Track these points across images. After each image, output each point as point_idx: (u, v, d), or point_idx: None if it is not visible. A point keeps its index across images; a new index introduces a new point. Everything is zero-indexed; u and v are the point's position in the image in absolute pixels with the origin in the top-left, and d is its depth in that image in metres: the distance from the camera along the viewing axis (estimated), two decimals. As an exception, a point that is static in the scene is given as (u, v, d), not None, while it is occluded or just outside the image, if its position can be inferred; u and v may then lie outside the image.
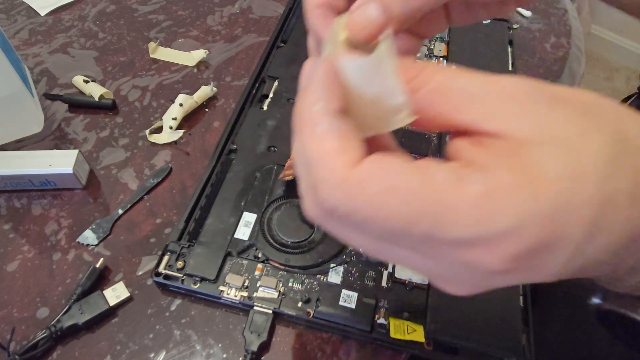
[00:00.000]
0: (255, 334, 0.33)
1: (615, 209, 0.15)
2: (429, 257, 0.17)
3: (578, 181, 0.15)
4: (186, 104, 0.47)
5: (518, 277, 0.17)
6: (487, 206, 0.15)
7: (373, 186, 0.15)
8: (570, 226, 0.15)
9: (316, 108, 0.17)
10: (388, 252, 0.18)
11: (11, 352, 0.33)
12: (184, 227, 0.38)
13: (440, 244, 0.16)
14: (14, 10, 0.60)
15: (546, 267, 0.16)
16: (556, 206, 0.15)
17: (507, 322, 0.33)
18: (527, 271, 0.16)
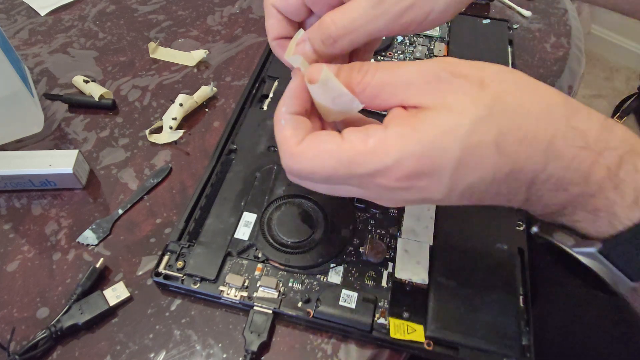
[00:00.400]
0: (255, 334, 0.33)
1: (481, 152, 0.23)
2: (359, 187, 0.26)
3: (449, 133, 0.23)
4: (186, 104, 0.47)
5: (414, 194, 0.25)
6: (380, 149, 0.24)
7: (308, 153, 0.25)
8: (441, 161, 0.23)
9: (283, 110, 0.28)
10: (336, 190, 0.28)
11: (11, 352, 0.33)
12: (184, 227, 0.38)
13: (359, 177, 0.25)
14: (14, 10, 0.60)
15: (433, 188, 0.24)
16: (428, 148, 0.23)
17: (507, 322, 0.33)
18: (419, 190, 0.25)
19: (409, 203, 0.27)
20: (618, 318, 0.45)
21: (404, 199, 0.26)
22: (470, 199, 0.26)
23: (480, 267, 0.36)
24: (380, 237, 0.38)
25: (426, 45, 0.54)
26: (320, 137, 0.25)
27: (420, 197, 0.25)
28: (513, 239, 0.38)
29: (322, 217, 0.39)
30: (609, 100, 1.61)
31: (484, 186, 0.25)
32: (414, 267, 0.36)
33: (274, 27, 0.32)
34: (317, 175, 0.26)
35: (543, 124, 0.24)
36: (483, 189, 0.25)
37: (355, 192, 0.27)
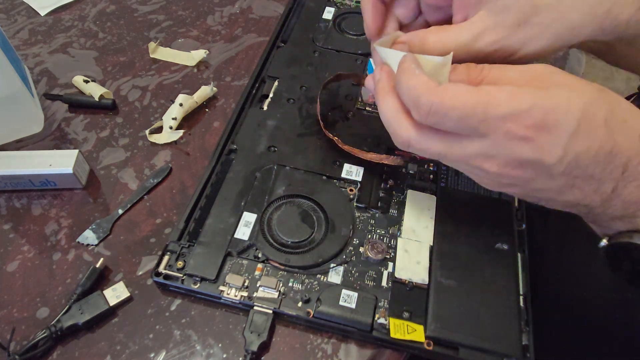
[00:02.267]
0: (255, 334, 0.33)
1: (593, 122, 0.26)
2: (481, 137, 0.28)
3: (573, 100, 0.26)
4: (186, 104, 0.47)
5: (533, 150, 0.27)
6: (517, 96, 0.26)
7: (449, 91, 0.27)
8: (564, 120, 0.26)
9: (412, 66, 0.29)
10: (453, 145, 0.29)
11: (11, 352, 0.33)
12: (184, 227, 0.38)
13: (492, 120, 0.27)
14: (14, 10, 0.60)
15: (550, 147, 0.26)
16: (556, 105, 0.26)
17: (507, 322, 0.33)
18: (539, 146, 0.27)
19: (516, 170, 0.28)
20: (619, 318, 0.45)
21: (519, 157, 0.27)
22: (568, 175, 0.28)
23: (480, 267, 0.36)
24: (380, 237, 0.38)
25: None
26: (459, 84, 0.28)
27: (536, 156, 0.27)
28: (513, 239, 0.38)
29: (322, 217, 0.39)
30: (609, 100, 1.61)
31: (587, 160, 0.27)
32: (414, 267, 0.36)
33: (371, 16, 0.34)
34: (454, 112, 0.27)
35: (638, 115, 0.28)
36: (585, 164, 0.27)
37: (474, 147, 0.28)
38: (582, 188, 0.28)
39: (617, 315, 0.45)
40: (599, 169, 0.27)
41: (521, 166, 0.28)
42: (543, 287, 0.47)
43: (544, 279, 0.47)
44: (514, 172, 0.28)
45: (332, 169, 0.42)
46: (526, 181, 0.29)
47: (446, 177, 0.42)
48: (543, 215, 0.51)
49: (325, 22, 0.56)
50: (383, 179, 0.42)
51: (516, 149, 0.27)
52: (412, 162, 0.43)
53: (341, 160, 0.42)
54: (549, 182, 0.28)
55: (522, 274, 0.36)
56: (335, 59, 0.52)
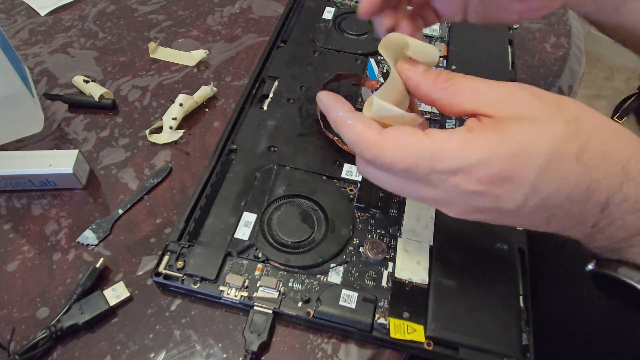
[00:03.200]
0: (255, 334, 0.33)
1: (563, 161, 0.24)
2: (431, 186, 0.26)
3: (536, 140, 0.24)
4: (186, 104, 0.47)
5: (488, 202, 0.25)
6: (466, 148, 0.24)
7: (390, 144, 0.25)
8: (526, 167, 0.24)
9: (340, 113, 0.28)
10: (406, 187, 0.27)
11: (11, 352, 0.33)
12: (184, 227, 0.38)
13: (439, 174, 0.25)
14: (14, 10, 0.60)
15: (510, 196, 0.24)
16: (516, 151, 0.24)
17: (507, 322, 0.33)
18: (495, 198, 0.25)
19: (476, 214, 0.27)
20: (619, 318, 0.45)
21: (475, 206, 0.26)
22: (539, 217, 0.26)
23: (480, 267, 0.36)
24: (380, 237, 0.38)
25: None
26: (402, 130, 0.26)
27: (493, 205, 0.25)
28: (513, 239, 0.38)
29: (322, 217, 0.39)
30: (609, 100, 1.61)
31: (558, 200, 0.25)
32: (414, 267, 0.36)
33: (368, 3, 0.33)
34: (397, 167, 0.26)
35: (621, 144, 0.25)
36: (557, 204, 0.25)
37: (427, 193, 0.27)
38: (562, 224, 0.27)
39: (617, 315, 0.45)
40: (575, 207, 0.25)
41: (482, 212, 0.26)
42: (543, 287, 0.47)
43: (544, 279, 0.47)
44: (477, 216, 0.27)
45: (332, 169, 0.42)
46: (494, 220, 0.27)
47: (446, 177, 0.42)
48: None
49: (325, 22, 0.56)
50: (383, 179, 0.42)
51: (471, 201, 0.26)
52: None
53: (341, 160, 0.42)
54: (520, 221, 0.27)
55: (522, 274, 0.36)
56: (335, 59, 0.52)
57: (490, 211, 0.26)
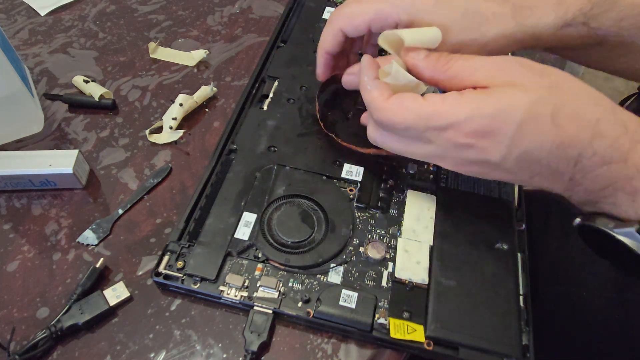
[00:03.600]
0: (255, 334, 0.33)
1: (538, 121, 0.28)
2: (428, 143, 0.31)
3: (513, 103, 0.28)
4: (186, 104, 0.47)
5: (476, 153, 0.30)
6: (455, 107, 0.29)
7: (394, 107, 0.31)
8: (505, 124, 0.28)
9: (365, 78, 0.33)
10: (407, 146, 0.33)
11: (11, 352, 0.33)
12: (184, 227, 0.38)
13: (434, 130, 0.30)
14: (14, 10, 0.60)
15: (493, 149, 0.29)
16: (495, 111, 0.29)
17: (507, 322, 0.33)
18: (482, 150, 0.29)
19: (467, 166, 0.31)
20: (619, 318, 0.45)
21: (466, 158, 0.31)
22: (522, 171, 0.30)
23: (480, 267, 0.36)
24: (380, 237, 0.38)
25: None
26: (405, 96, 0.31)
27: (480, 157, 0.30)
28: (513, 239, 0.38)
29: (322, 217, 0.39)
30: (609, 100, 1.61)
31: (537, 154, 0.29)
32: (414, 267, 0.36)
33: (331, 45, 0.40)
34: (399, 126, 0.31)
35: (592, 108, 0.29)
36: (535, 159, 0.29)
37: (425, 150, 0.32)
38: (543, 178, 0.31)
39: (617, 316, 0.45)
40: (552, 162, 0.29)
41: (472, 164, 0.31)
42: (543, 287, 0.47)
43: (544, 279, 0.47)
44: (468, 168, 0.32)
45: (332, 169, 0.42)
46: (484, 174, 0.32)
47: (446, 177, 0.42)
48: (543, 215, 0.51)
49: (325, 22, 0.56)
50: (383, 179, 0.42)
51: (462, 153, 0.30)
52: (412, 162, 0.43)
53: (341, 160, 0.42)
54: (507, 175, 0.31)
55: (522, 274, 0.36)
56: (335, 59, 0.51)
57: (479, 164, 0.31)
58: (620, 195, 0.29)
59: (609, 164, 0.29)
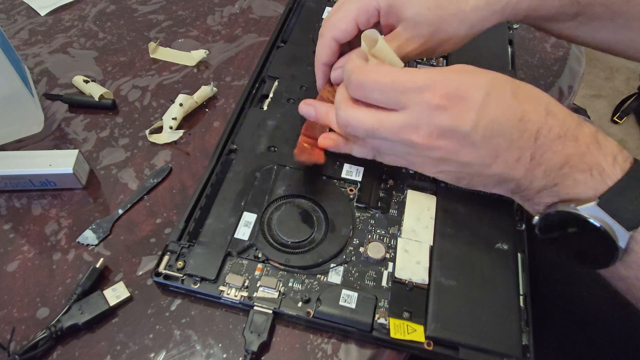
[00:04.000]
0: (255, 334, 0.33)
1: (501, 93, 0.31)
2: (402, 110, 0.32)
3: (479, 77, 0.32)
4: (186, 104, 0.47)
5: (449, 118, 0.31)
6: (430, 73, 0.32)
7: (376, 70, 0.33)
8: (474, 91, 0.31)
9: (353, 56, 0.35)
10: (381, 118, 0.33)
11: (11, 352, 0.33)
12: (184, 227, 0.38)
13: (410, 92, 0.32)
14: (14, 10, 0.60)
15: (465, 114, 0.31)
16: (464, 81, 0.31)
17: (507, 322, 0.33)
18: (455, 114, 0.31)
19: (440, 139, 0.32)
20: (619, 318, 0.45)
21: (439, 125, 0.31)
22: (488, 143, 0.31)
23: (480, 267, 0.36)
24: (380, 237, 0.38)
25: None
26: (384, 65, 0.35)
27: (453, 123, 0.31)
28: (513, 239, 0.38)
29: (322, 217, 0.39)
30: (609, 100, 1.61)
31: (502, 125, 0.31)
32: (414, 267, 0.36)
33: (326, 55, 0.41)
34: (377, 85, 0.32)
35: (540, 93, 0.33)
36: (501, 130, 0.31)
37: (399, 119, 0.32)
38: (506, 158, 0.31)
39: (617, 315, 0.45)
40: (515, 134, 0.31)
41: (443, 135, 0.32)
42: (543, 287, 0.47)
43: (544, 279, 0.47)
44: (439, 142, 0.32)
45: (332, 169, 0.42)
46: (453, 152, 0.32)
47: (446, 177, 0.42)
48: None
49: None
50: (383, 179, 0.42)
51: (435, 118, 0.31)
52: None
53: (341, 160, 0.42)
54: (474, 151, 0.32)
55: (522, 274, 0.36)
56: (335, 59, 0.51)
57: (451, 135, 0.31)
58: (577, 174, 0.31)
59: (564, 141, 0.31)
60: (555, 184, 0.31)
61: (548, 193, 0.32)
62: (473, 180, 0.34)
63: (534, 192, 0.33)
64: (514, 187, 0.33)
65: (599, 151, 0.31)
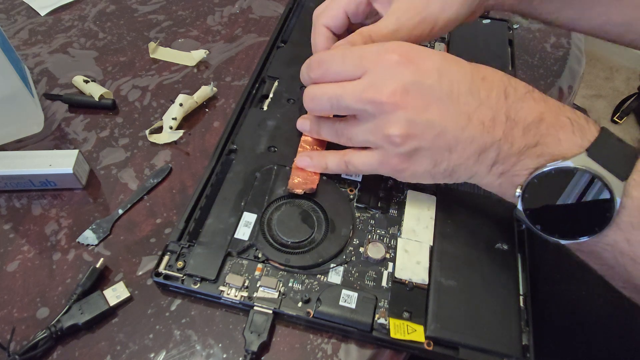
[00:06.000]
0: (255, 334, 0.33)
1: (458, 60, 0.33)
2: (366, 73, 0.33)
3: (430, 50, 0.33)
4: (186, 104, 0.47)
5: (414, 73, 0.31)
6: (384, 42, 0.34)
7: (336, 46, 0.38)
8: (431, 55, 0.32)
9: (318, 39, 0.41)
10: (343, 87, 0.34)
11: (11, 352, 0.33)
12: (184, 227, 0.38)
13: (368, 54, 0.33)
14: (14, 10, 0.60)
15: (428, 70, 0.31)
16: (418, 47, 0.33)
17: (507, 322, 0.33)
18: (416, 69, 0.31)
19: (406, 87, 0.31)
20: (619, 317, 0.45)
21: (402, 77, 0.31)
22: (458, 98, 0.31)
23: (480, 267, 0.36)
24: (380, 237, 0.38)
25: (426, 45, 0.54)
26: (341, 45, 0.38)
27: (416, 76, 0.31)
28: (513, 239, 0.38)
29: (322, 217, 0.39)
30: (609, 100, 1.61)
31: (465, 83, 0.31)
32: (414, 267, 0.36)
33: (322, 43, 0.41)
34: (335, 56, 0.34)
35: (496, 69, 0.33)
36: (467, 87, 0.31)
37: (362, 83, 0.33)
38: (480, 117, 0.31)
39: (617, 315, 0.45)
40: (483, 92, 0.31)
41: (408, 91, 0.31)
42: (543, 287, 0.47)
43: (544, 279, 0.47)
44: (404, 98, 0.31)
45: (332, 169, 0.42)
46: (421, 109, 0.31)
47: (446, 177, 0.42)
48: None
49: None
50: (383, 179, 0.42)
51: (398, 73, 0.31)
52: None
53: (341, 160, 0.42)
54: (442, 108, 0.31)
55: (522, 274, 0.36)
56: (335, 59, 0.51)
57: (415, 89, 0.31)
58: (560, 132, 0.30)
59: (534, 98, 0.31)
60: (536, 142, 0.30)
61: (531, 154, 0.31)
62: (452, 156, 0.32)
63: (516, 157, 0.31)
64: (495, 156, 0.31)
65: (571, 111, 0.31)
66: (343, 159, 0.37)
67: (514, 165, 0.31)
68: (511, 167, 0.32)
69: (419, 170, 0.34)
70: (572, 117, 0.31)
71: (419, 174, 0.34)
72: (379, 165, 0.35)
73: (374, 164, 0.35)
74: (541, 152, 0.30)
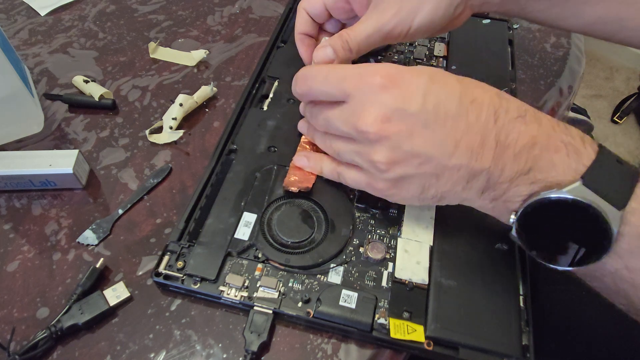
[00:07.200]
0: (255, 334, 0.33)
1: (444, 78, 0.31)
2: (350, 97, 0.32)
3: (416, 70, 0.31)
4: (186, 104, 0.47)
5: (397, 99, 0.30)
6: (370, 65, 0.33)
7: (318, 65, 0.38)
8: (417, 76, 0.31)
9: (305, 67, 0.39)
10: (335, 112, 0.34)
11: (11, 352, 0.33)
12: (184, 227, 0.38)
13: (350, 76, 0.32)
14: (14, 10, 0.60)
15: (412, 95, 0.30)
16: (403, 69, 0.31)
17: (507, 322, 0.33)
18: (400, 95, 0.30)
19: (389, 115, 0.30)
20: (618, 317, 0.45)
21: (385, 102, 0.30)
22: (441, 125, 0.30)
23: (480, 267, 0.36)
24: (380, 237, 0.38)
25: (426, 46, 0.54)
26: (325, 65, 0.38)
27: (399, 103, 0.30)
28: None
29: (322, 217, 0.39)
30: (609, 100, 1.61)
31: (453, 104, 0.30)
32: (414, 267, 0.36)
33: (301, 25, 0.44)
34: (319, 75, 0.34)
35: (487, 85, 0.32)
36: (455, 111, 0.30)
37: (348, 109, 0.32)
38: (468, 142, 0.29)
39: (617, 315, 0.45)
40: (471, 116, 0.29)
41: (391, 119, 0.30)
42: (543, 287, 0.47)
43: (544, 279, 0.47)
44: (388, 126, 0.30)
45: (332, 169, 0.42)
46: (406, 136, 0.30)
47: (446, 177, 0.42)
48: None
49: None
50: (383, 179, 0.42)
51: (380, 98, 0.30)
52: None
53: (341, 160, 0.42)
54: (429, 134, 0.30)
55: (522, 274, 0.36)
56: (335, 59, 0.51)
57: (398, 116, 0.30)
58: (553, 155, 0.29)
59: (526, 121, 0.29)
60: (529, 168, 0.29)
61: (524, 180, 0.29)
62: (440, 182, 0.31)
63: (508, 184, 0.30)
64: (485, 182, 0.30)
65: (566, 131, 0.29)
66: (336, 169, 0.37)
67: (505, 192, 0.31)
68: (503, 193, 0.31)
69: (407, 196, 0.33)
70: (567, 139, 0.29)
71: (408, 199, 0.34)
72: (366, 186, 0.35)
73: (362, 184, 0.35)
74: (534, 179, 0.29)
